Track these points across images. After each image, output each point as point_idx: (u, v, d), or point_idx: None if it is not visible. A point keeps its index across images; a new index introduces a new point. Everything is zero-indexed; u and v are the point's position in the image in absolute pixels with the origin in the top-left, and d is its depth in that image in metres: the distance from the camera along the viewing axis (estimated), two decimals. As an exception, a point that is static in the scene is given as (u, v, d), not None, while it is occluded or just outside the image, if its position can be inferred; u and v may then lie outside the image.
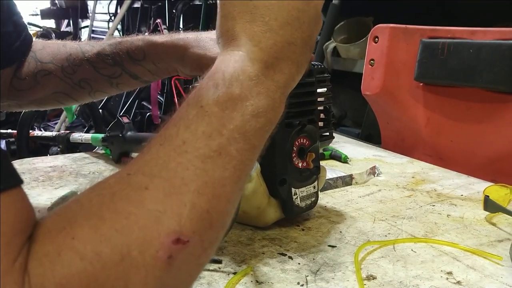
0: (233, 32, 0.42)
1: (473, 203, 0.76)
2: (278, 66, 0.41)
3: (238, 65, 0.40)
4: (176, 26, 3.04)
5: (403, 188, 0.84)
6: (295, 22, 0.41)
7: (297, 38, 0.42)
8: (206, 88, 0.39)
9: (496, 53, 0.87)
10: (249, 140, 0.38)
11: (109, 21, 4.01)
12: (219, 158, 0.36)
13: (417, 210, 0.74)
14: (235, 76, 0.39)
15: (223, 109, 0.38)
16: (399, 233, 0.66)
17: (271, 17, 0.41)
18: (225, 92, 0.38)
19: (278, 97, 0.41)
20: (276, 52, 0.41)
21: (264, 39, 0.40)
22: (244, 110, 0.39)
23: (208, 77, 0.40)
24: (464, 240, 0.63)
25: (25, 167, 0.95)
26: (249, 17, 0.41)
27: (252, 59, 0.40)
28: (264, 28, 0.41)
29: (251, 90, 0.39)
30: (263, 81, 0.40)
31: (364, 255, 0.59)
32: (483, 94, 0.92)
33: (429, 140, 1.05)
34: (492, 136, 0.93)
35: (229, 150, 0.37)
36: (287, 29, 0.41)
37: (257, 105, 0.39)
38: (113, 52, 0.70)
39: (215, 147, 0.36)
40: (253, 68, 0.40)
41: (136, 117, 3.06)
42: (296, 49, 0.42)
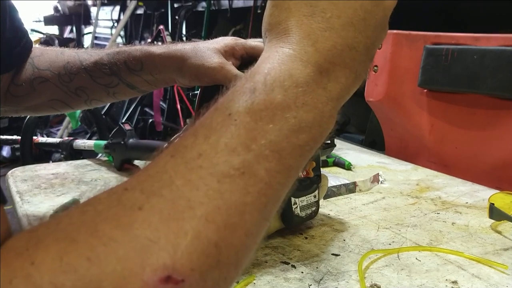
0: (286, 26, 0.36)
1: (478, 210, 0.76)
2: (334, 74, 0.34)
3: (286, 67, 0.34)
4: (179, 33, 3.05)
5: (407, 195, 0.83)
6: (360, 24, 0.35)
7: (359, 43, 0.35)
8: (241, 92, 0.33)
9: (500, 60, 0.86)
10: (284, 159, 0.32)
11: (112, 27, 4.03)
12: (241, 178, 0.30)
13: (422, 218, 0.73)
14: (279, 80, 0.33)
15: (256, 119, 0.31)
16: (403, 241, 0.65)
17: (334, 13, 0.35)
18: (263, 99, 0.32)
19: (328, 110, 0.34)
20: (333, 56, 0.34)
21: (322, 39, 0.34)
22: (284, 123, 0.32)
23: (246, 78, 0.34)
24: (469, 249, 0.63)
25: (28, 174, 0.94)
26: (308, 11, 0.35)
27: (304, 61, 0.34)
28: (324, 26, 0.35)
29: (297, 99, 0.33)
30: (313, 89, 0.33)
31: (368, 263, 0.58)
32: (487, 101, 0.92)
33: (433, 147, 1.04)
34: (496, 142, 0.92)
35: (256, 170, 0.30)
36: (350, 30, 0.35)
37: (301, 118, 0.32)
38: (110, 62, 0.70)
39: (238, 164, 0.30)
40: (303, 73, 0.33)
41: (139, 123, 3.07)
42: (357, 55, 0.35)
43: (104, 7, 4.35)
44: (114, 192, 0.29)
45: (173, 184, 0.28)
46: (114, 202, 0.28)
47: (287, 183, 0.33)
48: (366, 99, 1.14)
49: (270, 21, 0.37)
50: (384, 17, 0.37)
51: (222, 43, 0.67)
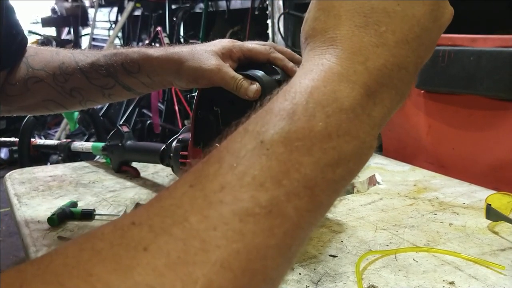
0: (334, 35, 0.32)
1: (475, 211, 0.76)
2: (380, 96, 0.31)
3: (331, 88, 0.29)
4: (177, 34, 3.05)
5: (405, 196, 0.83)
6: (414, 42, 0.32)
7: (410, 63, 0.32)
8: (277, 115, 0.29)
9: (496, 61, 0.86)
10: (317, 196, 0.28)
11: (109, 29, 4.03)
12: (267, 218, 0.26)
13: (419, 218, 0.73)
14: (322, 104, 0.29)
15: (291, 149, 0.28)
16: (400, 242, 0.65)
17: (389, 28, 0.31)
18: (302, 126, 0.28)
19: (369, 140, 0.30)
20: (383, 77, 0.31)
21: (373, 56, 0.31)
22: (321, 155, 0.28)
23: (284, 95, 0.30)
24: (466, 249, 0.63)
25: (25, 176, 0.94)
26: (361, 21, 0.32)
27: (352, 81, 0.30)
28: (376, 41, 0.31)
29: (339, 127, 0.29)
30: (357, 115, 0.29)
31: (365, 265, 0.58)
32: (484, 102, 0.92)
33: (430, 148, 1.05)
34: (493, 143, 0.92)
35: (285, 209, 0.27)
36: (404, 48, 0.31)
37: (340, 149, 0.29)
38: (107, 63, 0.69)
39: (266, 201, 0.26)
40: (350, 96, 0.29)
41: (137, 125, 3.07)
42: (406, 76, 0.32)
43: (102, 8, 4.35)
44: (119, 227, 0.25)
45: (187, 221, 0.25)
46: (118, 240, 0.25)
47: (315, 222, 0.29)
48: (364, 100, 1.14)
49: (314, 26, 0.33)
50: (438, 35, 0.34)
51: (220, 46, 0.67)
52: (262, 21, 2.03)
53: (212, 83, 0.64)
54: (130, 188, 0.87)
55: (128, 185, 0.89)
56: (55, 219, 0.70)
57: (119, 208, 0.77)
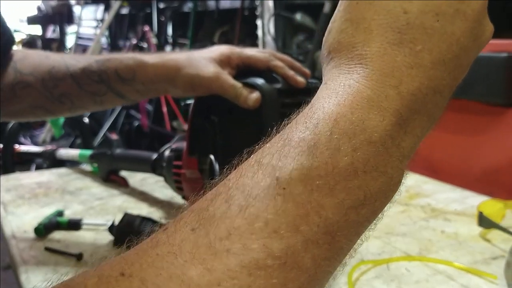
0: (363, 52, 0.28)
1: (467, 218, 0.76)
2: (412, 124, 0.27)
3: (359, 116, 0.26)
4: (165, 34, 3.03)
5: (397, 202, 0.82)
6: (451, 63, 0.28)
7: (445, 86, 0.28)
8: (296, 145, 0.25)
9: (489, 66, 0.86)
10: (337, 242, 0.25)
11: (96, 27, 3.99)
12: (281, 271, 0.22)
13: (411, 226, 0.73)
14: (349, 135, 0.25)
15: (312, 189, 0.24)
16: (393, 251, 0.64)
17: (426, 46, 0.28)
18: (325, 162, 0.25)
19: (397, 175, 0.27)
20: (416, 103, 0.27)
21: (407, 79, 0.27)
22: (345, 195, 0.25)
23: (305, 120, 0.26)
24: (458, 258, 0.62)
25: (12, 183, 0.93)
26: (395, 37, 0.28)
27: (383, 108, 0.26)
28: (411, 61, 0.27)
29: (367, 162, 0.25)
30: (387, 148, 0.26)
31: (358, 275, 0.58)
32: (477, 107, 0.92)
33: (422, 152, 1.04)
34: (486, 148, 0.92)
35: (301, 259, 0.23)
36: (441, 70, 0.28)
37: (366, 187, 0.25)
38: (100, 69, 0.67)
39: (280, 251, 0.23)
40: (380, 126, 0.26)
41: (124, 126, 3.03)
42: (440, 100, 0.28)
43: (88, 6, 4.31)
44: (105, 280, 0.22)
45: (185, 274, 0.21)
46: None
47: (333, 271, 0.26)
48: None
49: (340, 40, 0.29)
50: (476, 55, 0.31)
51: (218, 52, 0.65)
52: (252, 22, 2.02)
53: (210, 91, 0.63)
54: (118, 196, 0.86)
55: (115, 193, 0.87)
56: (42, 230, 0.69)
57: (107, 216, 0.76)
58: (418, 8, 0.28)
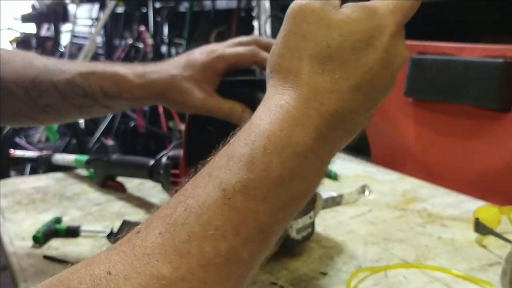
0: (295, 78, 0.34)
1: (463, 223, 0.76)
2: (331, 138, 0.34)
3: (287, 133, 0.32)
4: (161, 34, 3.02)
5: (394, 208, 0.83)
6: (366, 87, 0.34)
7: (362, 106, 0.35)
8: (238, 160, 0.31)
9: (484, 71, 0.87)
10: (267, 238, 0.31)
11: (91, 26, 3.97)
12: (226, 266, 0.29)
13: (408, 232, 0.73)
14: (278, 149, 0.31)
15: (250, 198, 0.30)
16: (390, 257, 0.65)
17: (343, 75, 0.34)
18: (260, 174, 0.30)
19: (317, 179, 0.34)
20: (334, 121, 0.33)
21: (327, 101, 0.33)
22: (275, 200, 0.31)
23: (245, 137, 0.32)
24: (455, 265, 0.63)
25: (8, 188, 0.92)
26: (319, 68, 0.34)
27: (306, 126, 0.32)
28: (331, 87, 0.33)
29: (292, 171, 0.31)
30: (309, 158, 0.32)
31: (355, 283, 0.58)
32: (472, 111, 0.93)
33: (418, 155, 1.05)
34: (480, 152, 0.93)
35: (241, 255, 0.30)
36: (356, 94, 0.34)
37: (292, 192, 0.32)
38: (84, 84, 0.64)
39: (225, 251, 0.29)
40: (303, 141, 0.32)
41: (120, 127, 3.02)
42: (357, 118, 0.35)
43: (83, 5, 4.29)
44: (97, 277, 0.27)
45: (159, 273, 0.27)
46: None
47: (263, 257, 0.32)
48: (351, 107, 1.14)
49: (280, 63, 0.36)
50: (391, 79, 0.37)
51: (199, 66, 0.62)
52: (248, 22, 2.01)
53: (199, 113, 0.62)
54: (115, 201, 0.86)
55: (113, 198, 0.87)
56: (40, 237, 0.68)
57: (105, 222, 0.76)
58: (338, 44, 0.34)
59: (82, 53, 3.33)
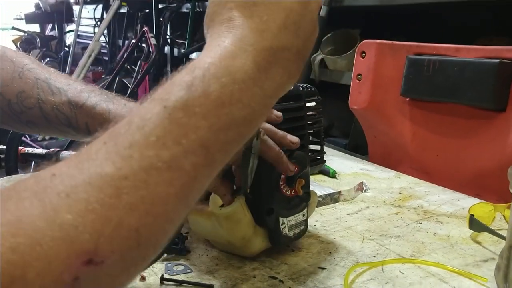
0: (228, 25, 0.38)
1: (458, 220, 0.78)
2: (270, 72, 0.37)
3: (225, 63, 0.36)
4: (163, 34, 3.03)
5: (391, 204, 0.85)
6: (292, 26, 0.39)
7: (292, 45, 0.39)
8: (179, 84, 0.34)
9: (479, 72, 0.88)
10: (211, 155, 0.34)
11: (95, 26, 3.99)
12: (168, 171, 0.31)
13: (405, 228, 0.75)
14: (217, 76, 0.35)
15: (190, 114, 0.33)
16: (387, 253, 0.67)
17: (270, 17, 0.38)
18: (199, 95, 0.34)
19: (260, 109, 0.37)
20: (270, 56, 0.37)
21: (260, 39, 0.37)
22: (216, 119, 0.34)
23: (187, 70, 0.36)
24: (450, 260, 0.65)
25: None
26: (248, 13, 0.38)
27: (243, 58, 0.36)
28: (262, 27, 0.38)
29: (232, 96, 0.35)
30: (249, 87, 0.36)
31: (353, 277, 0.60)
32: (468, 111, 0.94)
33: (415, 154, 1.07)
34: (475, 151, 0.95)
35: (183, 164, 0.32)
36: (285, 33, 0.38)
37: (233, 115, 0.35)
38: (70, 115, 0.62)
39: (166, 158, 0.31)
40: (242, 70, 0.36)
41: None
42: (290, 56, 0.39)
43: (87, 5, 4.31)
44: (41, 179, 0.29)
45: (102, 172, 0.30)
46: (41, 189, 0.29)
47: (211, 175, 0.35)
48: (350, 107, 1.16)
49: (213, 18, 0.40)
50: (312, 18, 0.40)
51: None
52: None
53: None
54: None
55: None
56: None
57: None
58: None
59: (86, 53, 3.36)
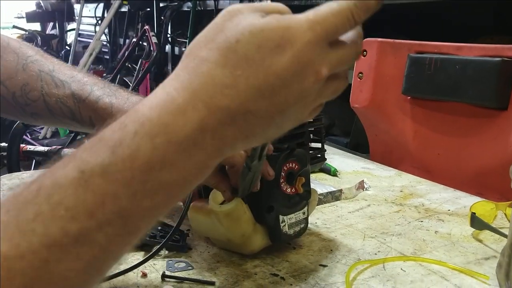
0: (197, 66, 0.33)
1: (459, 218, 0.78)
2: (219, 132, 0.32)
3: (165, 120, 0.31)
4: (164, 33, 3.03)
5: (392, 202, 0.85)
6: (267, 91, 0.33)
7: (260, 109, 0.33)
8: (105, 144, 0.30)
9: (481, 70, 0.88)
10: (133, 223, 0.30)
11: (95, 24, 3.99)
12: (74, 247, 0.28)
13: (406, 226, 0.75)
14: (152, 133, 0.30)
15: (110, 181, 0.29)
16: (388, 250, 0.67)
17: (244, 73, 0.32)
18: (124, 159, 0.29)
19: (197, 172, 0.33)
20: (225, 117, 0.32)
21: (219, 96, 0.32)
22: (140, 186, 0.30)
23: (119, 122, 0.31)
24: (451, 258, 0.65)
25: (15, 182, 0.94)
26: (223, 60, 0.33)
27: (189, 116, 0.31)
28: (229, 82, 0.32)
29: (165, 158, 0.30)
30: (186, 148, 0.31)
31: (355, 274, 0.60)
32: (469, 109, 0.94)
33: (416, 153, 1.07)
34: (477, 150, 0.95)
35: (94, 238, 0.29)
36: (254, 95, 0.32)
37: (163, 180, 0.30)
38: (73, 109, 0.62)
39: (74, 232, 0.28)
40: (182, 130, 0.31)
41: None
42: (254, 120, 0.33)
43: (88, 4, 4.31)
44: None
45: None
46: None
47: (129, 243, 0.32)
48: (352, 105, 1.16)
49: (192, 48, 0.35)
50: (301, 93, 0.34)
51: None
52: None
53: None
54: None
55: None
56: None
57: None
58: (247, 39, 0.33)
59: (87, 51, 3.36)
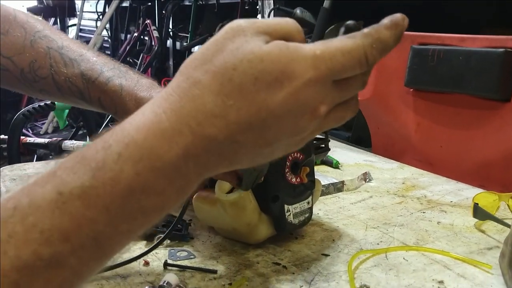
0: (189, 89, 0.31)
1: (462, 209, 0.78)
2: (203, 160, 0.31)
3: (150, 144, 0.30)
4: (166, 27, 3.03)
5: (394, 194, 0.85)
6: (258, 126, 0.31)
7: (247, 141, 0.32)
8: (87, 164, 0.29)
9: (484, 61, 0.88)
10: (106, 247, 0.30)
11: (97, 20, 3.99)
12: (46, 269, 0.27)
13: (408, 217, 0.75)
14: (136, 158, 0.29)
15: (88, 205, 0.28)
16: (391, 241, 0.66)
17: (236, 104, 0.31)
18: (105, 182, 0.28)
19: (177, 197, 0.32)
20: (210, 146, 0.31)
21: (207, 125, 0.30)
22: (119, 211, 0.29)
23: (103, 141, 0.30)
24: (454, 248, 0.64)
25: (16, 173, 0.94)
26: (216, 88, 0.31)
27: (173, 141, 0.30)
28: (218, 112, 0.30)
29: (145, 184, 0.29)
30: (168, 174, 0.30)
31: (357, 264, 0.60)
32: (472, 101, 0.94)
33: (419, 145, 1.07)
34: (480, 142, 0.94)
35: (67, 261, 0.28)
36: (244, 128, 0.31)
37: (141, 205, 0.30)
38: (82, 89, 0.61)
39: (47, 256, 0.27)
40: (167, 155, 0.30)
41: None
42: (240, 150, 0.32)
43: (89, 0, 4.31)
44: None
45: None
46: None
47: (101, 264, 0.31)
48: (354, 98, 1.15)
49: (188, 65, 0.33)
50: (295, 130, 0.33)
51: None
52: (252, 16, 2.03)
53: None
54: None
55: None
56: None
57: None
58: (244, 69, 0.31)
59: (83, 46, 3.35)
